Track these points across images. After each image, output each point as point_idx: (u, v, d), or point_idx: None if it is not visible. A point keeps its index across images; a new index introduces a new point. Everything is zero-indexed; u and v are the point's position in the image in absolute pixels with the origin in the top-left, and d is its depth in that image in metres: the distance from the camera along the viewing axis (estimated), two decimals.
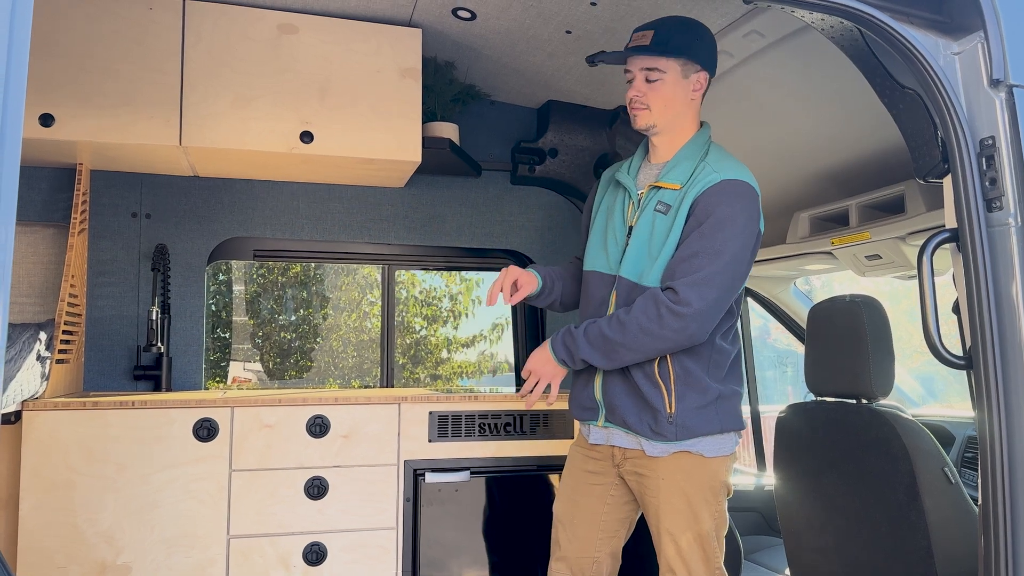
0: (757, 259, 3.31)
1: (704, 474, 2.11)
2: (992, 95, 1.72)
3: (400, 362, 6.55)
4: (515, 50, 3.16)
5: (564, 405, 2.94)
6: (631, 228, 2.19)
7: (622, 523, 2.30)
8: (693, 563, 2.09)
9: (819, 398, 2.48)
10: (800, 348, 3.93)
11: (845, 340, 2.31)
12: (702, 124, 2.25)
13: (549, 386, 2.24)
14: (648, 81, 2.14)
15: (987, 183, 1.70)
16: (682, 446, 2.09)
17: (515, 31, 2.99)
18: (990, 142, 1.70)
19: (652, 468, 2.13)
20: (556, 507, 2.36)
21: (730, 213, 2.04)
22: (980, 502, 1.68)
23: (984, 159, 1.71)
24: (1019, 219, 1.65)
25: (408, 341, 6.83)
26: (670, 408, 2.07)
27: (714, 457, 2.11)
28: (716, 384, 2.12)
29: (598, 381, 2.21)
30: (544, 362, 2.20)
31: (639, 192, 2.21)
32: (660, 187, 2.16)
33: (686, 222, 2.08)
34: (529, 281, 2.33)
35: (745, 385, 3.47)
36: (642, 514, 2.27)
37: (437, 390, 3.28)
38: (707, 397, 2.10)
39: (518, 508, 2.89)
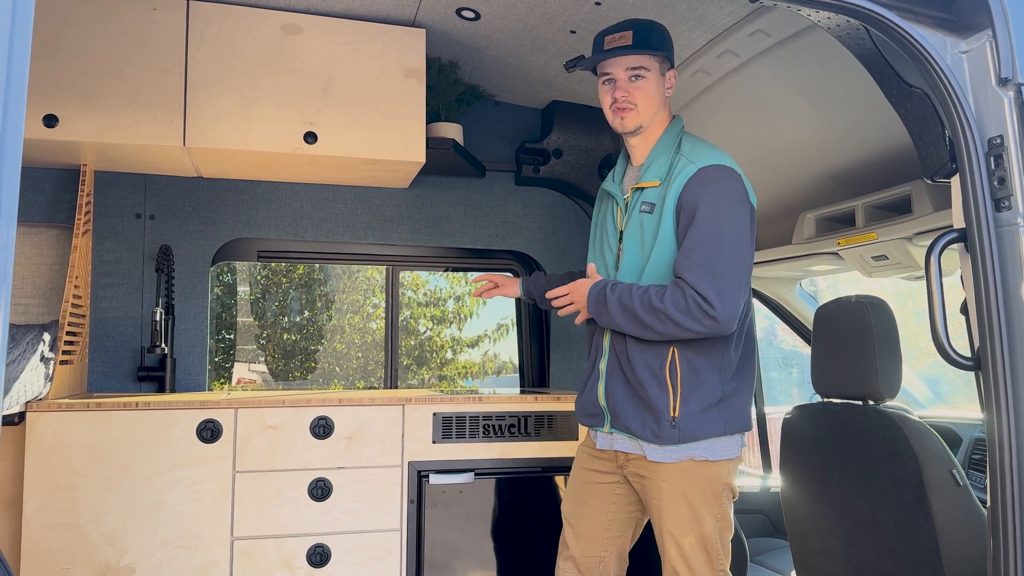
0: (763, 260, 3.32)
1: (706, 476, 2.10)
2: (1000, 94, 1.70)
3: (405, 363, 6.54)
4: (519, 50, 3.16)
5: (571, 406, 2.93)
6: (622, 233, 2.22)
7: (628, 524, 2.29)
8: (696, 565, 2.08)
9: (825, 399, 2.46)
10: (806, 349, 3.91)
11: (852, 341, 2.29)
12: (674, 118, 2.28)
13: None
14: (632, 80, 2.18)
15: (995, 183, 1.69)
16: (684, 452, 2.08)
17: (519, 31, 2.98)
18: (998, 141, 1.69)
19: (654, 471, 2.12)
20: (564, 507, 2.37)
21: (715, 200, 2.05)
22: (988, 504, 1.67)
23: (992, 158, 1.69)
24: None
25: (413, 342, 6.82)
26: (673, 411, 2.07)
27: (719, 460, 2.10)
28: (723, 384, 2.11)
29: (601, 388, 2.22)
30: (581, 297, 2.21)
31: (624, 196, 2.25)
32: (642, 187, 2.19)
33: (676, 218, 2.09)
34: (509, 284, 2.67)
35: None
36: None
37: (442, 391, 3.27)
38: (711, 399, 2.09)
39: (523, 510, 2.88)
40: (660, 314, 2.01)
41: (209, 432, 2.58)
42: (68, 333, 2.74)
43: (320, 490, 2.67)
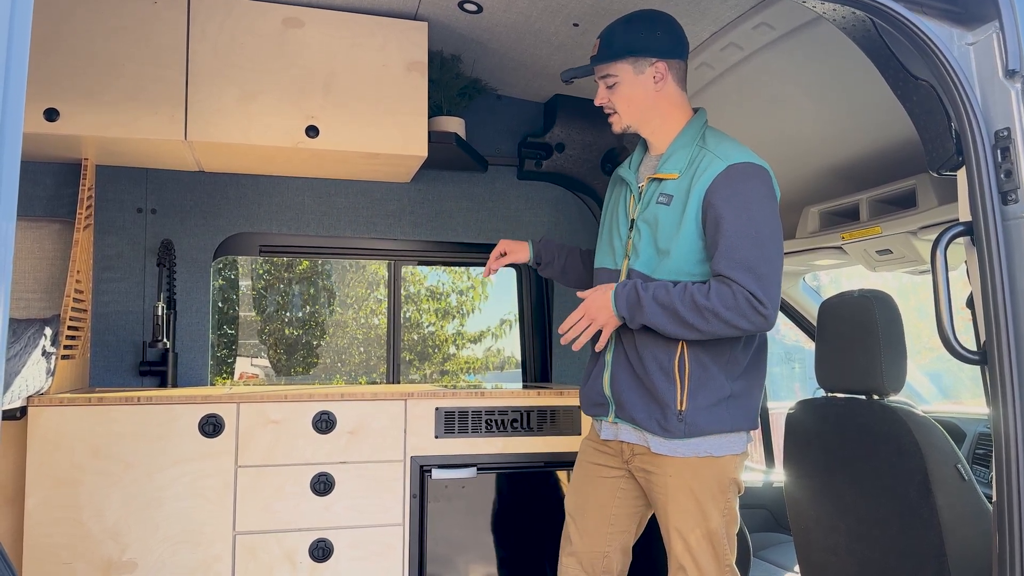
0: None
1: (712, 471, 2.08)
2: (1007, 86, 1.69)
3: (407, 358, 6.54)
4: (522, 44, 3.14)
5: (574, 401, 2.92)
6: (633, 221, 2.19)
7: (632, 518, 2.28)
8: (703, 561, 2.07)
9: (829, 394, 2.45)
10: (808, 344, 3.90)
11: (856, 335, 2.28)
12: (697, 110, 2.24)
13: (598, 332, 2.16)
14: (608, 87, 2.21)
15: (1002, 175, 1.68)
16: (689, 447, 2.06)
17: (522, 24, 2.97)
18: (1005, 134, 1.68)
19: (659, 465, 2.10)
20: (567, 501, 2.36)
21: (749, 198, 2.01)
22: (995, 499, 1.66)
23: (999, 151, 1.68)
24: None
25: (415, 337, 6.82)
26: (681, 405, 2.05)
27: (723, 456, 2.09)
28: (731, 382, 2.09)
29: (607, 377, 2.20)
30: (602, 308, 2.11)
31: (639, 185, 2.22)
32: (660, 178, 2.15)
33: (703, 214, 2.04)
34: (517, 249, 2.52)
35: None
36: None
37: (444, 386, 3.26)
38: (719, 395, 2.06)
39: (525, 504, 2.88)
40: (705, 311, 1.96)
41: (211, 427, 2.58)
42: (70, 328, 2.74)
43: (322, 485, 2.66)
